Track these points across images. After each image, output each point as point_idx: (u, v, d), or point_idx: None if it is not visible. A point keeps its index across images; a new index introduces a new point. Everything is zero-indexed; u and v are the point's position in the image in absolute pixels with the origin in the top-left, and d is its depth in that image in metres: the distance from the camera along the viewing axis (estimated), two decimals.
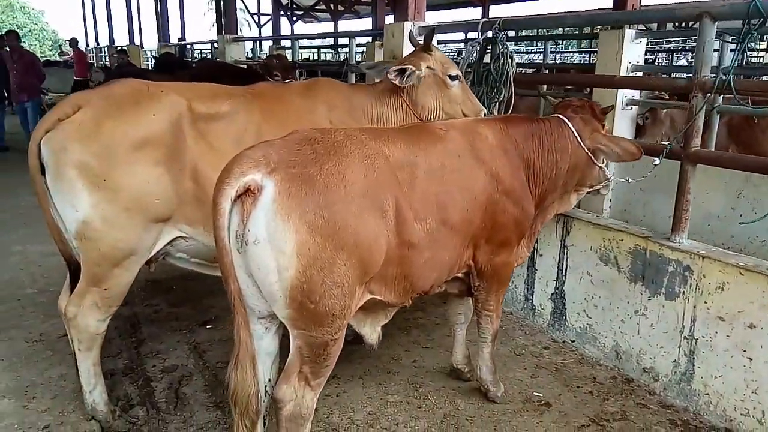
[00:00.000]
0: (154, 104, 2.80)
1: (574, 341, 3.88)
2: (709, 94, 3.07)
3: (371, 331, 2.75)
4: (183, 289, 4.82)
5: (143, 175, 2.73)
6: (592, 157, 3.12)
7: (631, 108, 5.46)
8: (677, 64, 12.60)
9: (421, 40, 3.95)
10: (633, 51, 5.47)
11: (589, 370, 3.62)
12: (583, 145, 3.08)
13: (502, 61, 4.25)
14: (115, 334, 4.01)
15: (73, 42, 17.86)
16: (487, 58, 4.49)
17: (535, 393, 3.37)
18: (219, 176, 2.14)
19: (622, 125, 5.36)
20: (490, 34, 4.35)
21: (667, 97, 6.19)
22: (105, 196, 2.68)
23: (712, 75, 3.10)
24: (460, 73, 3.86)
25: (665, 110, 6.30)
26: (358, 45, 9.49)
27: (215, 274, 3.27)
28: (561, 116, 3.13)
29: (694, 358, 3.16)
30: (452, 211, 2.67)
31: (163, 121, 2.79)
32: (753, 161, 3.20)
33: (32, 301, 4.42)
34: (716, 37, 3.14)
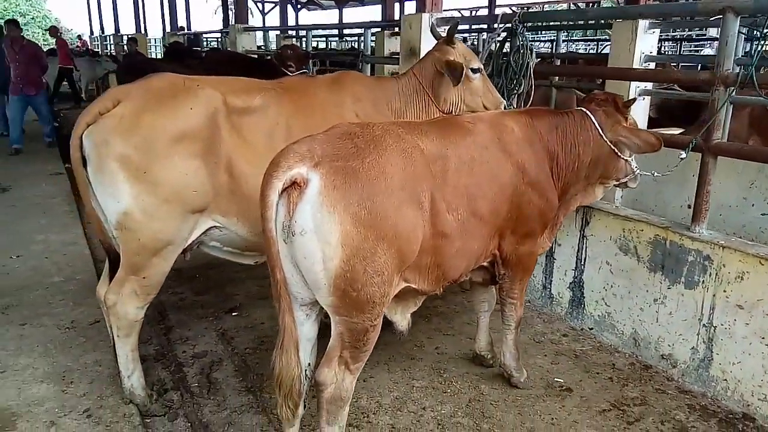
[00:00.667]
0: (191, 98, 2.88)
1: (592, 329, 3.97)
2: (731, 88, 3.13)
3: (402, 318, 2.85)
4: (206, 277, 4.92)
5: (182, 167, 2.81)
6: (616, 150, 3.19)
7: (644, 99, 5.52)
8: (684, 53, 12.60)
9: (442, 32, 4.01)
10: (646, 41, 5.50)
11: (607, 357, 3.72)
12: (606, 138, 3.16)
13: (522, 52, 4.31)
14: (144, 321, 4.05)
15: (53, 31, 17.57)
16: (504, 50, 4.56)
17: (556, 379, 3.47)
18: (266, 170, 2.22)
19: (635, 116, 5.42)
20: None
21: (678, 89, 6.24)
22: (145, 188, 2.76)
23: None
24: (482, 66, 3.93)
25: None
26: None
27: (246, 262, 3.39)
28: (584, 109, 3.20)
29: (712, 345, 3.26)
30: (481, 202, 2.75)
31: (200, 115, 2.87)
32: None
33: (60, 289, 4.51)
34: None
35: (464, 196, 2.68)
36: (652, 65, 5.19)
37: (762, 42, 3.13)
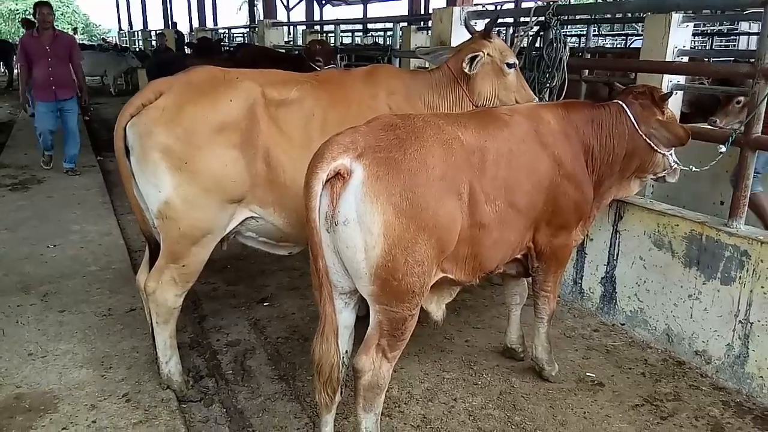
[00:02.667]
0: (231, 90, 2.93)
1: (623, 324, 3.95)
2: None
3: (437, 308, 2.87)
4: (236, 268, 5.00)
5: (221, 157, 2.87)
6: (652, 144, 3.17)
7: (676, 93, 5.46)
8: (716, 48, 12.42)
9: (476, 26, 4.01)
10: (680, 35, 5.42)
11: (639, 352, 3.70)
12: (641, 131, 3.14)
13: (555, 45, 4.30)
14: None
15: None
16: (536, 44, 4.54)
17: (587, 373, 3.47)
18: (311, 161, 2.26)
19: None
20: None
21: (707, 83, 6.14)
22: (186, 177, 2.82)
23: None
24: (517, 61, 3.92)
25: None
26: (389, 30, 9.53)
27: (279, 253, 3.44)
28: (620, 102, 3.18)
29: (748, 342, 3.22)
30: (518, 194, 2.76)
31: (240, 107, 2.91)
32: None
33: (97, 277, 4.62)
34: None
35: (502, 187, 2.69)
36: (685, 59, 5.13)
37: None
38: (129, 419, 2.96)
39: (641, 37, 5.39)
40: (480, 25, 4.35)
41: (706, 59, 7.54)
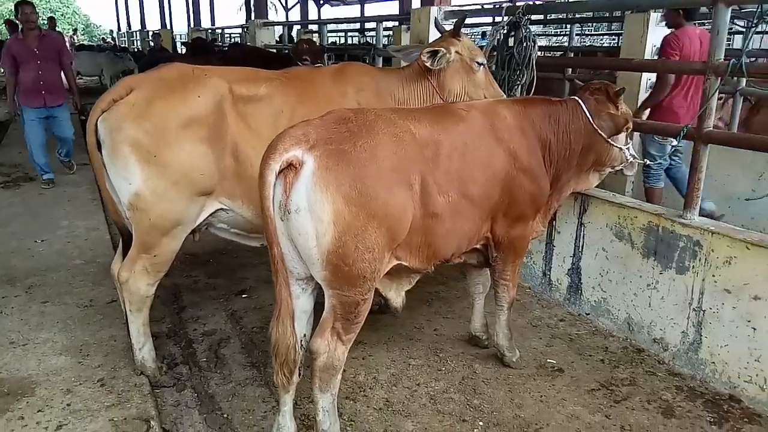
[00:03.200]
0: (199, 87, 3.05)
1: (588, 314, 4.07)
2: (721, 77, 3.21)
3: (396, 296, 3.00)
4: (219, 262, 5.12)
5: (189, 151, 2.99)
6: (607, 138, 3.29)
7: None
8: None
9: (447, 26, 4.13)
10: (657, 34, 5.57)
11: (601, 340, 3.82)
12: (596, 126, 3.26)
13: (524, 44, 4.41)
14: (158, 302, 4.29)
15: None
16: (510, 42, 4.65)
17: (548, 360, 3.59)
18: (265, 152, 2.38)
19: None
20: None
21: None
22: (155, 170, 2.95)
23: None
24: (485, 60, 4.04)
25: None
26: (385, 29, 9.66)
27: (251, 244, 3.56)
28: (577, 98, 3.30)
29: (701, 329, 3.34)
30: (473, 186, 2.88)
31: (207, 103, 3.04)
32: (763, 141, 3.33)
33: (81, 270, 4.75)
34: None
35: (455, 179, 2.81)
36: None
37: (752, 32, 3.19)
38: (102, 402, 3.08)
39: None
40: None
41: None
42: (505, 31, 4.55)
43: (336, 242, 2.35)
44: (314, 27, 10.80)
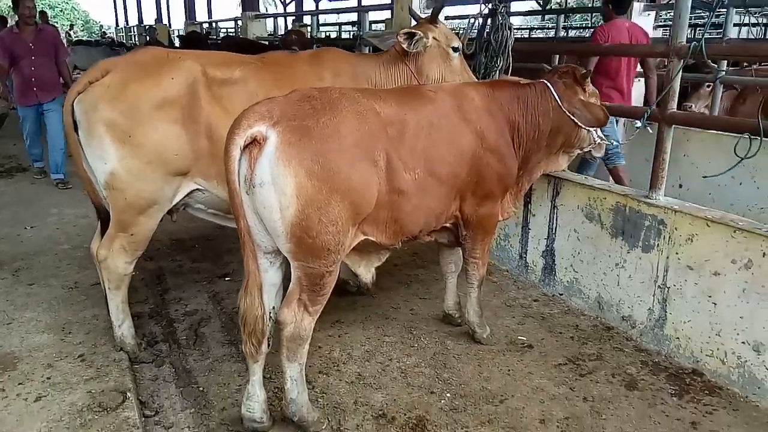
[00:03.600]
0: (172, 69, 3.13)
1: (562, 294, 4.16)
2: (684, 60, 3.29)
3: (366, 272, 3.09)
4: (204, 247, 5.21)
5: (163, 132, 3.07)
6: (576, 120, 3.37)
7: (638, 80, 5.66)
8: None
9: (422, 14, 4.21)
10: (641, 23, 5.66)
11: (573, 319, 3.91)
12: (564, 109, 3.34)
13: (501, 32, 4.49)
14: (142, 284, 4.42)
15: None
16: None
17: (519, 337, 3.67)
18: (230, 128, 2.47)
19: (634, 100, 5.58)
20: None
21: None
22: (130, 150, 3.03)
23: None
24: (461, 46, 4.12)
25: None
26: (375, 21, 9.74)
27: (230, 225, 3.63)
28: (545, 81, 3.38)
29: (666, 306, 3.43)
30: (439, 165, 2.96)
31: (181, 84, 3.11)
32: (722, 121, 3.41)
33: (68, 255, 4.85)
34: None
35: (422, 157, 2.89)
36: None
37: (712, 15, 3.27)
38: (81, 376, 3.18)
39: None
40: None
41: None
42: (483, 19, 4.63)
43: (299, 215, 2.44)
44: (308, 20, 10.88)
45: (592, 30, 5.94)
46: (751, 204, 4.95)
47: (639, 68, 5.37)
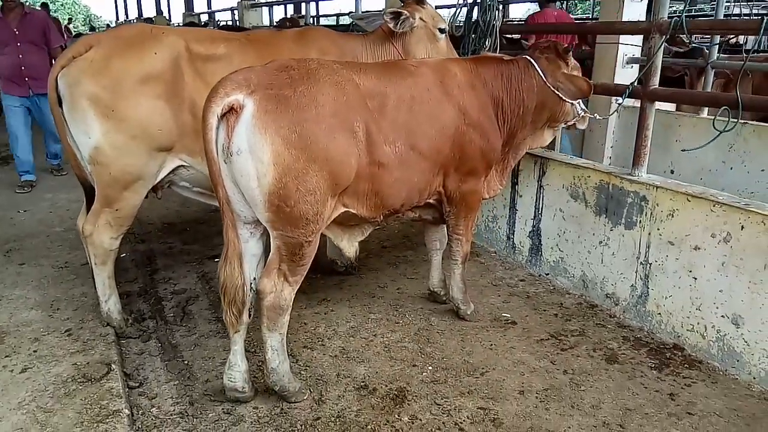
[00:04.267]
0: (156, 44, 3.15)
1: (548, 274, 4.18)
2: (665, 35, 3.30)
3: (348, 246, 3.11)
4: (196, 230, 5.25)
5: (147, 107, 3.09)
6: (560, 95, 3.38)
7: (632, 66, 5.66)
8: None
9: None
10: (633, 9, 5.65)
11: (558, 297, 3.93)
12: (548, 84, 3.35)
13: (489, 13, 4.50)
14: (132, 264, 4.45)
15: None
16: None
17: (503, 314, 3.70)
18: (207, 97, 2.49)
19: (624, 82, 5.58)
20: None
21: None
22: (114, 125, 3.05)
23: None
24: (447, 27, 4.14)
25: None
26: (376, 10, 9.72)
27: (215, 204, 3.66)
28: (528, 57, 3.40)
29: (648, 282, 3.45)
30: (421, 138, 2.98)
31: (164, 59, 3.13)
32: (703, 96, 3.44)
33: (60, 237, 4.89)
34: None
35: (403, 130, 2.91)
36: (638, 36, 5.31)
37: None
38: (67, 350, 3.21)
39: None
40: None
41: None
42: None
43: (276, 183, 2.46)
44: (304, 10, 10.88)
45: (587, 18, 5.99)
46: (742, 188, 4.95)
47: (633, 54, 5.38)
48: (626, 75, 5.55)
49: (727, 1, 7.27)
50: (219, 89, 2.47)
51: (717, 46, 5.88)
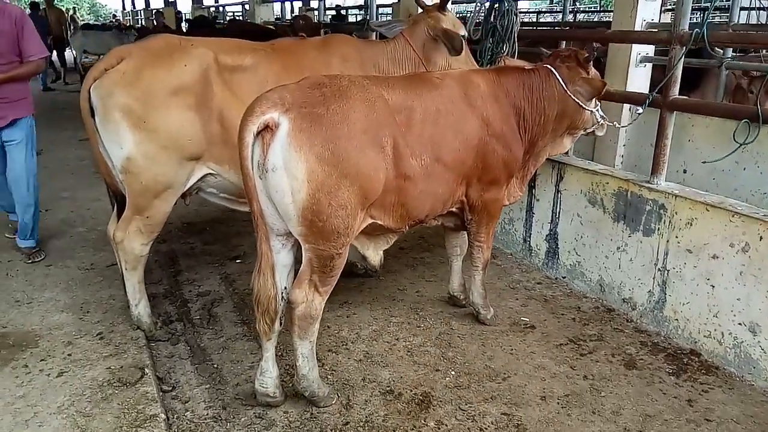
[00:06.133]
0: (185, 56, 3.22)
1: (565, 277, 4.26)
2: (686, 47, 3.34)
3: (374, 254, 3.19)
4: (215, 230, 5.33)
5: (177, 117, 3.17)
6: (580, 102, 3.43)
7: (645, 65, 5.69)
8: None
9: (428, 1, 4.28)
10: (648, 8, 5.65)
11: (575, 301, 4.01)
12: (569, 92, 3.40)
13: (507, 18, 4.53)
14: (156, 265, 4.54)
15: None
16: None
17: (522, 318, 3.78)
18: (243, 115, 2.56)
19: (637, 82, 5.59)
20: None
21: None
22: (146, 135, 3.13)
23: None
24: (467, 33, 4.19)
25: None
26: (382, 5, 9.74)
27: (241, 209, 3.75)
28: (548, 66, 3.44)
29: (666, 288, 3.52)
30: (445, 150, 3.05)
31: (194, 71, 3.20)
32: (724, 107, 3.48)
33: (83, 237, 4.98)
34: None
35: (429, 143, 2.97)
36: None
37: (713, 3, 3.32)
38: (101, 353, 3.31)
39: None
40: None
41: None
42: (490, 4, 4.67)
43: (310, 199, 2.53)
44: (315, 4, 10.89)
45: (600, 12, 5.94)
46: (755, 189, 4.99)
47: (646, 53, 5.39)
48: (639, 74, 5.60)
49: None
50: (255, 107, 2.54)
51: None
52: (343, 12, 14.52)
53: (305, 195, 2.53)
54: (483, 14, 4.75)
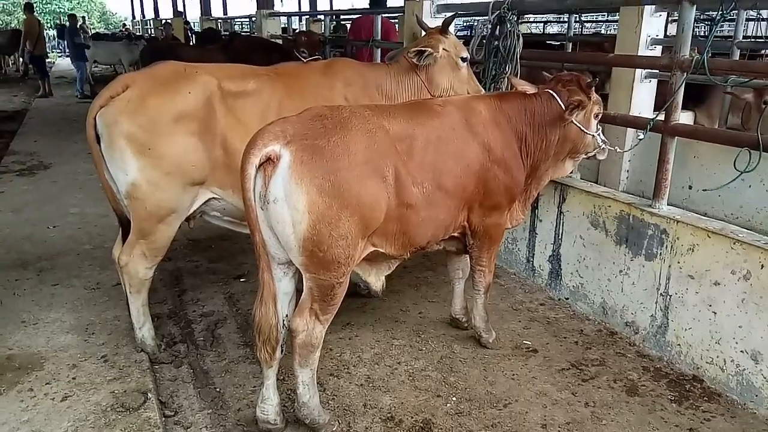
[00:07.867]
0: (189, 83, 3.26)
1: (567, 299, 4.26)
2: (686, 73, 3.35)
3: (376, 280, 3.21)
4: (219, 248, 5.37)
5: (181, 144, 3.21)
6: (581, 127, 3.44)
7: (650, 81, 5.69)
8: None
9: (430, 23, 4.31)
10: (652, 25, 5.65)
11: (578, 324, 4.01)
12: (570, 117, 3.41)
13: (509, 39, 4.56)
14: (161, 285, 4.57)
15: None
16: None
17: (524, 341, 3.78)
18: (245, 147, 2.59)
19: (642, 97, 5.60)
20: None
21: None
22: (150, 162, 3.17)
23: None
24: (469, 56, 4.21)
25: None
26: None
27: (245, 232, 3.77)
28: (550, 90, 3.46)
29: (668, 313, 3.51)
30: (447, 178, 3.07)
31: (198, 98, 3.25)
32: (725, 134, 3.48)
33: (90, 255, 5.02)
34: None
35: (430, 171, 2.99)
36: (658, 49, 5.34)
37: (715, 30, 3.33)
38: (105, 377, 3.34)
39: None
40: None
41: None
42: (492, 25, 4.69)
43: (311, 230, 2.56)
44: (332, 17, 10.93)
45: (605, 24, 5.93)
46: (760, 207, 4.98)
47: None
48: (645, 89, 5.60)
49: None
50: (257, 140, 2.57)
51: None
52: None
53: (306, 226, 2.55)
54: (485, 34, 4.77)
